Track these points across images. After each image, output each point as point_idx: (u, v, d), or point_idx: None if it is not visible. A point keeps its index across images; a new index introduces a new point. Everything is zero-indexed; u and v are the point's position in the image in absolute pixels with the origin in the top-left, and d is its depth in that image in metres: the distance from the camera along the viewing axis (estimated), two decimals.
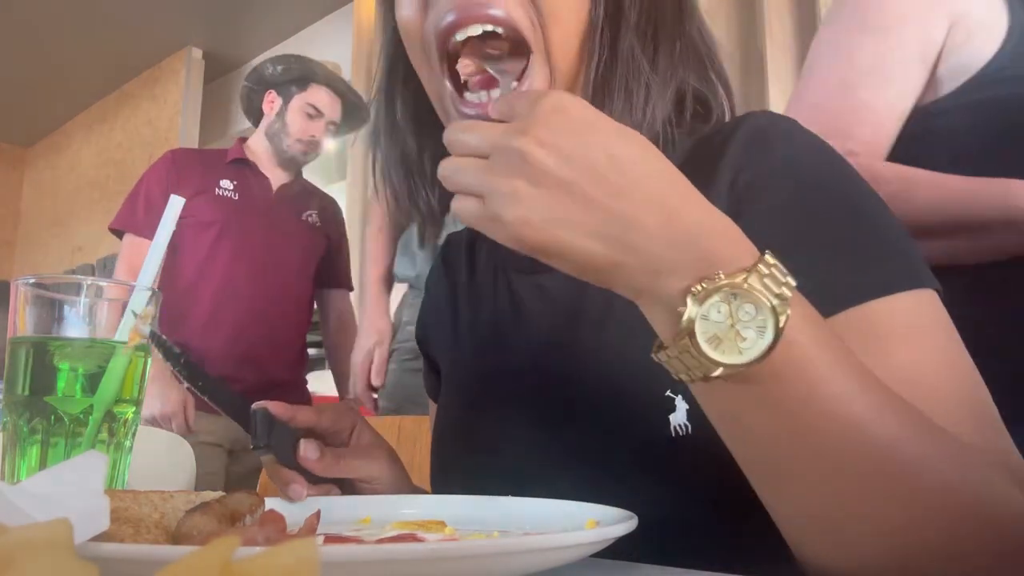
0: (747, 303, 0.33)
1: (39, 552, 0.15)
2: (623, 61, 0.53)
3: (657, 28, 0.54)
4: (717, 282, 0.33)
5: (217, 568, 0.14)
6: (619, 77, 0.53)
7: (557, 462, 0.52)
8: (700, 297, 0.33)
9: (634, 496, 0.43)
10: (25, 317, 0.47)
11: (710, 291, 0.33)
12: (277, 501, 0.51)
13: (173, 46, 4.41)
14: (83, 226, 5.03)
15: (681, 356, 0.34)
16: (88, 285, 0.49)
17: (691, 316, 0.33)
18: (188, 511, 0.35)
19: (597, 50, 0.53)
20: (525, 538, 0.32)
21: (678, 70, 0.55)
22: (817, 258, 0.44)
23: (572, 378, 0.53)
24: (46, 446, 0.46)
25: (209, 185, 1.79)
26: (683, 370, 0.35)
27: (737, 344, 0.33)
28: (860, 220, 0.46)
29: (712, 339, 0.33)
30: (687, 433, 0.46)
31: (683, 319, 0.34)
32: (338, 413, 0.58)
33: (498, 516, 0.47)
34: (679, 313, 0.34)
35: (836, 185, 0.48)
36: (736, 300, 0.33)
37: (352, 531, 0.46)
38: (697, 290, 0.33)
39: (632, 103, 0.53)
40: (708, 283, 0.33)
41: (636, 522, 0.37)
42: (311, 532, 0.42)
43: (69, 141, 5.42)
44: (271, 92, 1.90)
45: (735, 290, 0.33)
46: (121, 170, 4.71)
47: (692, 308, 0.33)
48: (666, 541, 0.43)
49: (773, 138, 0.51)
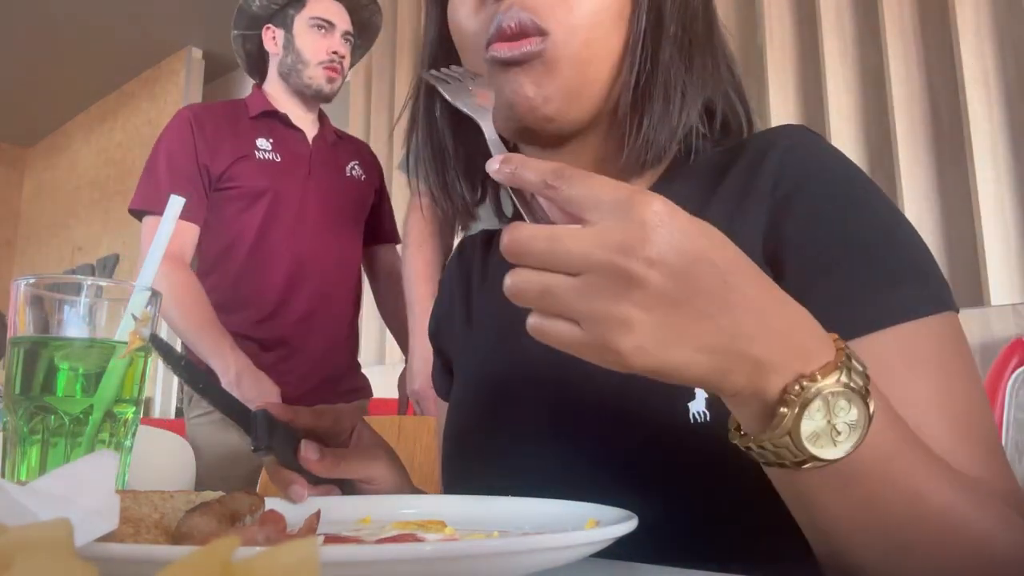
0: (841, 399, 0.35)
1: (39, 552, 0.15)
2: (663, 69, 0.56)
3: (692, 42, 0.57)
4: (818, 382, 0.34)
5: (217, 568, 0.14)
6: (659, 85, 0.56)
7: (574, 447, 0.53)
8: (801, 401, 0.34)
9: (649, 485, 0.44)
10: (25, 317, 0.47)
11: (812, 395, 0.34)
12: (277, 501, 0.51)
13: (173, 46, 4.41)
14: (83, 226, 5.03)
15: (777, 450, 0.36)
16: (88, 285, 0.49)
17: (795, 415, 0.34)
18: (188, 511, 0.35)
19: (639, 60, 0.55)
20: (525, 538, 0.32)
21: (708, 82, 0.58)
22: (849, 279, 0.47)
23: (588, 368, 0.53)
24: (46, 446, 0.46)
25: (247, 147, 1.53)
26: (773, 459, 0.36)
27: (833, 439, 0.35)
28: (891, 241, 0.49)
29: (811, 436, 0.35)
30: (706, 421, 0.47)
31: (785, 419, 0.35)
32: (338, 414, 0.58)
33: (498, 516, 0.47)
34: (780, 414, 0.35)
35: (867, 202, 0.51)
36: (833, 397, 0.35)
37: (352, 531, 0.46)
38: (796, 391, 0.34)
39: (669, 108, 0.56)
40: (809, 382, 0.34)
41: (636, 522, 0.37)
42: (311, 532, 0.42)
43: (69, 141, 5.43)
44: (268, 27, 1.64)
45: (832, 389, 0.35)
46: (121, 170, 4.71)
47: (795, 409, 0.34)
48: (680, 531, 0.45)
49: (808, 152, 0.54)
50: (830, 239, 0.49)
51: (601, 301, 0.33)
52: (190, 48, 4.38)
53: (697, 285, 0.33)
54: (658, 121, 0.56)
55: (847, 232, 0.49)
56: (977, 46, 1.77)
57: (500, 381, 0.61)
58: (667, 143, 0.56)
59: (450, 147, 0.64)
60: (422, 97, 0.66)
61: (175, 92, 4.43)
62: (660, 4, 0.56)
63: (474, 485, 0.56)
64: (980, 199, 1.72)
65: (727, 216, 0.54)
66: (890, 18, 1.90)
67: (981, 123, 1.74)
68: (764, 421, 0.35)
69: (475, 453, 0.61)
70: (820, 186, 0.51)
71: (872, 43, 1.96)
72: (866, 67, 1.97)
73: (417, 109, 0.66)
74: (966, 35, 1.77)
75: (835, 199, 0.50)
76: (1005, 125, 1.74)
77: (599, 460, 0.52)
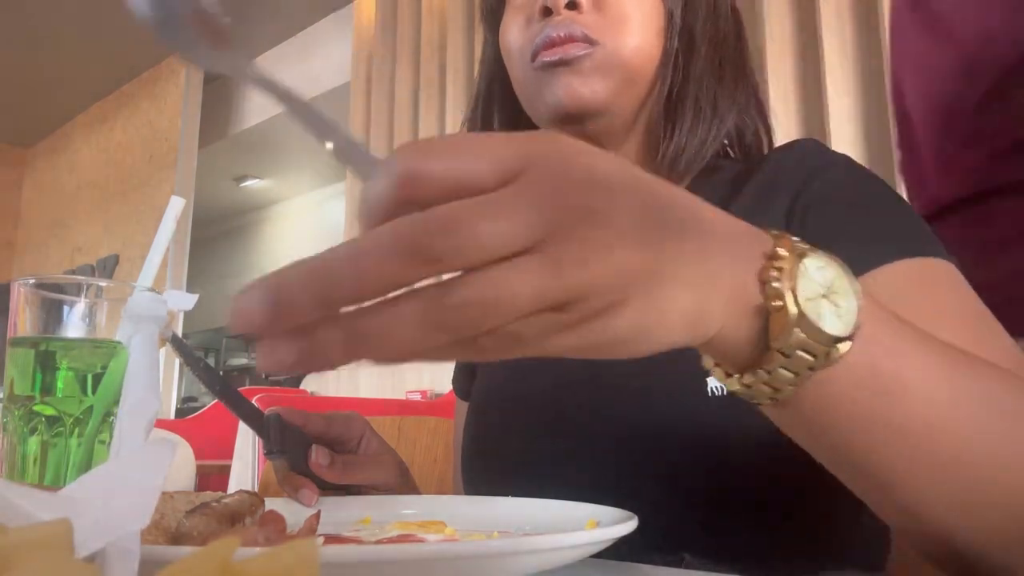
0: (812, 259, 0.30)
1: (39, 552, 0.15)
2: (694, 83, 0.60)
3: (722, 63, 0.62)
4: (783, 246, 0.29)
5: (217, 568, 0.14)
6: (690, 96, 0.60)
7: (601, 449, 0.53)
8: (787, 269, 0.29)
9: (666, 464, 0.45)
10: (25, 317, 0.47)
11: (787, 260, 0.29)
12: (277, 501, 0.51)
13: None
14: (83, 226, 5.03)
15: (791, 350, 0.29)
16: (88, 285, 0.49)
17: (791, 287, 0.29)
18: (188, 511, 0.35)
19: (671, 73, 0.60)
20: (525, 538, 0.32)
21: (737, 101, 0.62)
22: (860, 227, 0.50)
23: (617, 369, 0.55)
24: (46, 446, 0.46)
25: None
26: (790, 372, 0.30)
27: (835, 306, 0.29)
28: (904, 209, 0.52)
29: (814, 306, 0.29)
30: (723, 394, 0.47)
31: (782, 295, 0.28)
32: (348, 422, 0.59)
33: (498, 516, 0.47)
34: (773, 290, 0.29)
35: (878, 184, 0.54)
36: (805, 257, 0.30)
37: (352, 531, 0.46)
38: (773, 267, 0.29)
39: (700, 118, 0.60)
40: (780, 249, 0.29)
41: (636, 522, 0.37)
42: (311, 532, 0.43)
43: (69, 141, 5.43)
44: None
45: (799, 250, 0.30)
46: (121, 170, 4.71)
47: (786, 282, 0.29)
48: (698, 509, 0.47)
49: (825, 154, 0.57)
50: (843, 202, 0.52)
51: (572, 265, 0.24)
52: None
53: (653, 202, 0.27)
54: (689, 130, 0.59)
55: (859, 198, 0.52)
56: None
57: (523, 382, 0.61)
58: (697, 153, 0.60)
59: None
60: (480, 107, 0.71)
61: (175, 92, 4.43)
62: (692, 26, 0.61)
63: (495, 487, 0.56)
64: None
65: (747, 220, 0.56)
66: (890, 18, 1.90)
67: None
68: (758, 320, 0.29)
69: (497, 454, 0.62)
70: (835, 171, 0.55)
71: (872, 43, 1.96)
72: (866, 67, 1.97)
73: (475, 120, 0.71)
74: None
75: (850, 178, 0.54)
76: None
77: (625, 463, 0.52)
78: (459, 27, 2.93)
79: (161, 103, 4.54)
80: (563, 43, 0.57)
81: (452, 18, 2.95)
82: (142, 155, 4.49)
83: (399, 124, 3.08)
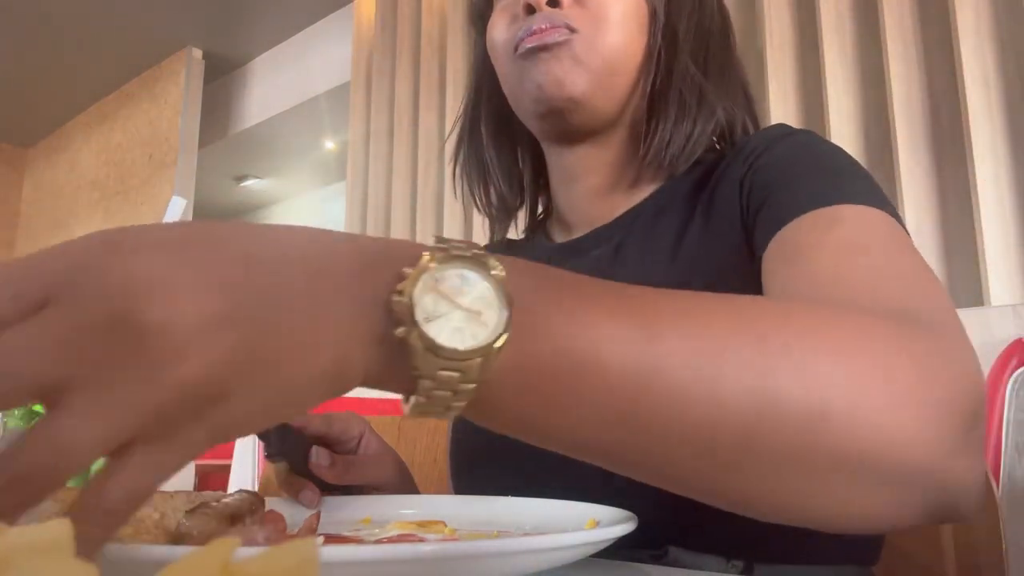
0: (448, 271, 0.27)
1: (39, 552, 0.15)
2: (677, 78, 0.61)
3: (707, 60, 0.63)
4: (409, 272, 0.26)
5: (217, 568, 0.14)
6: (674, 89, 0.61)
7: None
8: (409, 297, 0.26)
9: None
10: None
11: (409, 284, 0.26)
12: (277, 501, 0.51)
13: (173, 46, 4.40)
14: (83, 226, 5.03)
15: (431, 371, 0.26)
16: None
17: (413, 318, 0.26)
18: (188, 511, 0.35)
19: (654, 68, 0.61)
20: (525, 538, 0.32)
21: (722, 98, 0.63)
22: (795, 183, 0.50)
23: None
24: None
25: None
26: (448, 394, 0.27)
27: (478, 321, 0.27)
28: (839, 166, 0.51)
29: (437, 324, 0.26)
30: None
31: (401, 324, 0.26)
32: (347, 422, 0.59)
33: (498, 516, 0.47)
34: (395, 317, 0.26)
35: (825, 148, 0.55)
36: (433, 272, 0.26)
37: (352, 531, 0.46)
38: (394, 292, 0.26)
39: (684, 113, 0.60)
40: (404, 279, 0.26)
41: (636, 522, 0.37)
42: (311, 532, 0.43)
43: (69, 141, 5.42)
44: None
45: (426, 266, 0.27)
46: (121, 170, 4.71)
47: (402, 304, 0.26)
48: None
49: (779, 128, 0.59)
50: (783, 165, 0.53)
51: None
52: (190, 48, 4.37)
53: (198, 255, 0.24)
54: (673, 125, 0.60)
55: (798, 161, 0.53)
56: (977, 46, 1.76)
57: None
58: (683, 149, 0.61)
59: (492, 156, 0.72)
60: (469, 111, 0.74)
61: (175, 92, 4.42)
62: (675, 22, 0.61)
63: (484, 484, 0.56)
64: (980, 199, 1.72)
65: (704, 214, 0.58)
66: (890, 18, 1.90)
67: (981, 123, 1.74)
68: (390, 349, 0.26)
69: (485, 452, 0.62)
70: (783, 143, 0.56)
71: (872, 43, 1.96)
72: (866, 67, 1.97)
73: (465, 126, 0.74)
74: (966, 35, 1.76)
75: (795, 145, 0.55)
76: (1005, 125, 1.74)
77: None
78: (459, 27, 2.93)
79: (161, 103, 4.53)
80: (544, 32, 0.58)
81: (452, 18, 2.95)
82: (142, 155, 4.49)
83: (399, 124, 3.08)
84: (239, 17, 4.04)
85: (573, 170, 0.67)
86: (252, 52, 4.34)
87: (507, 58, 0.62)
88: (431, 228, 2.89)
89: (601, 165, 0.65)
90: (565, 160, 0.67)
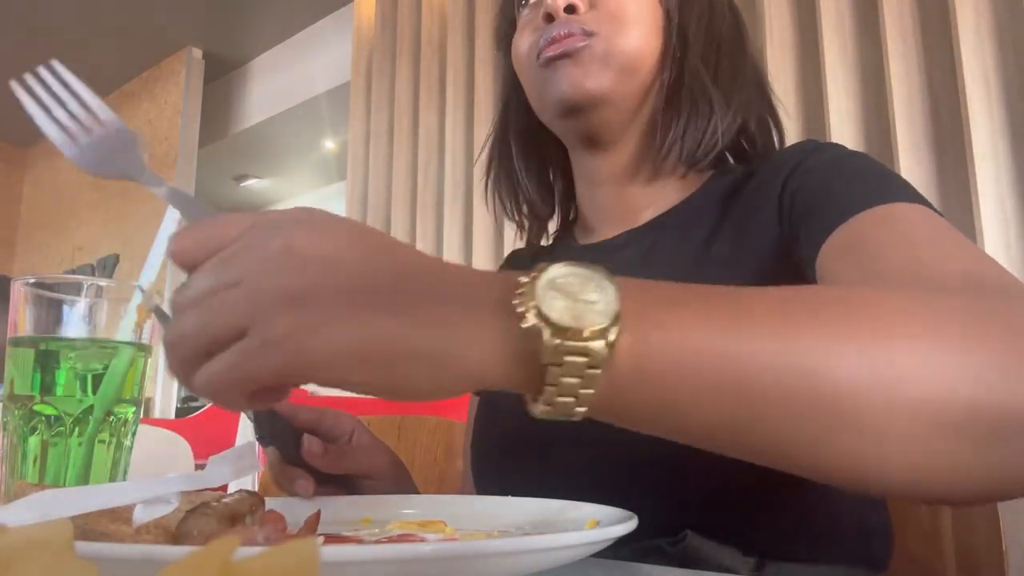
0: (568, 278, 0.30)
1: (39, 552, 0.15)
2: (690, 78, 0.63)
3: (719, 61, 0.65)
4: (530, 281, 0.30)
5: (217, 568, 0.14)
6: (685, 89, 0.63)
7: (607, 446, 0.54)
8: (526, 292, 0.29)
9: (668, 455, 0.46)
10: (25, 317, 0.47)
11: (533, 287, 0.29)
12: (277, 501, 0.51)
13: (173, 46, 4.41)
14: (83, 226, 5.03)
15: (560, 360, 0.29)
16: (88, 285, 0.49)
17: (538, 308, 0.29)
18: (188, 511, 0.35)
19: (667, 69, 0.64)
20: (525, 538, 0.32)
21: (736, 98, 0.64)
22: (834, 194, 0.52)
23: None
24: (46, 446, 0.46)
25: None
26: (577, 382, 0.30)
27: (590, 307, 0.29)
28: (879, 171, 0.53)
29: (566, 312, 0.29)
30: None
31: (527, 318, 0.29)
32: (338, 417, 0.59)
33: (498, 516, 0.47)
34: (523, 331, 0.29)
35: (860, 157, 0.57)
36: (557, 281, 0.30)
37: (352, 531, 0.46)
38: (515, 295, 0.29)
39: (697, 113, 0.63)
40: (524, 282, 0.30)
41: (636, 522, 0.37)
42: (311, 532, 0.43)
43: None
44: None
45: (551, 276, 0.30)
46: None
47: (529, 302, 0.29)
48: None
49: (815, 149, 0.59)
50: (825, 173, 0.55)
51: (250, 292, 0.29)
52: (190, 48, 4.37)
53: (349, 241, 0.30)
54: (687, 123, 0.63)
55: (837, 169, 0.55)
56: (977, 46, 1.76)
57: None
58: (698, 147, 0.63)
59: (522, 167, 0.75)
60: (498, 127, 0.77)
61: (175, 92, 4.43)
62: (686, 25, 0.64)
63: (507, 484, 0.57)
64: (980, 199, 1.72)
65: (735, 223, 0.60)
66: (890, 18, 1.90)
67: (981, 123, 1.74)
68: (518, 343, 0.29)
69: (509, 451, 0.62)
70: (819, 153, 0.58)
71: (872, 43, 1.96)
72: (866, 67, 1.97)
73: (495, 141, 0.77)
74: (966, 35, 1.76)
75: (831, 155, 0.57)
76: (1005, 125, 1.74)
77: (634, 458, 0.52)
78: (459, 27, 2.93)
79: (161, 103, 4.53)
80: (564, 39, 0.61)
81: (452, 18, 2.95)
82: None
83: (399, 124, 3.08)
84: (239, 17, 4.04)
85: (598, 171, 0.69)
86: (252, 52, 4.34)
87: (530, 67, 0.65)
88: (431, 228, 2.89)
89: (622, 163, 0.67)
90: (589, 162, 0.69)
